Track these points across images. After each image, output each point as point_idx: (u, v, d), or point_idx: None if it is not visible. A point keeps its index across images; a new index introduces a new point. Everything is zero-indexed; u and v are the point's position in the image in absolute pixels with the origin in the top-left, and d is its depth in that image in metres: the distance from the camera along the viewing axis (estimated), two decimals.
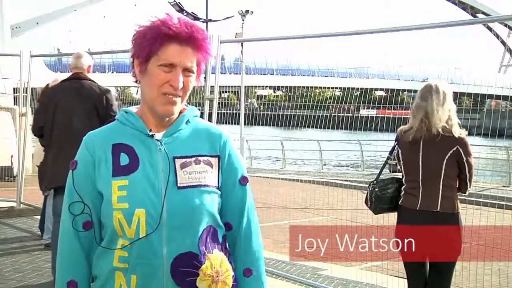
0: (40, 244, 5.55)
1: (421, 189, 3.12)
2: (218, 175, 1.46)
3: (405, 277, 5.13)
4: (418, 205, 3.12)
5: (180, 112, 1.47)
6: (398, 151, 3.24)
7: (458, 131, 3.11)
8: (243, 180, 1.51)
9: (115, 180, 1.39)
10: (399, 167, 3.29)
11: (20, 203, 7.33)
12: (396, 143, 3.26)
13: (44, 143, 4.64)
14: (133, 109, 1.49)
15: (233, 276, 1.46)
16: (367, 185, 3.48)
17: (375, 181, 3.32)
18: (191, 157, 1.42)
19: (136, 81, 1.45)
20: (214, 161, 1.45)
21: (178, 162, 1.41)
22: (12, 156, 10.33)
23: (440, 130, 3.06)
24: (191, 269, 1.37)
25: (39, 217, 6.03)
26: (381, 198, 3.27)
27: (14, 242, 5.75)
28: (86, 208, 1.41)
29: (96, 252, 1.43)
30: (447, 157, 3.07)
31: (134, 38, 1.41)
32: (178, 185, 1.38)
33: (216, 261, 1.41)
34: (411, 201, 3.15)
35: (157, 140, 1.42)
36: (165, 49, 1.37)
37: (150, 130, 1.42)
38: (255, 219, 1.55)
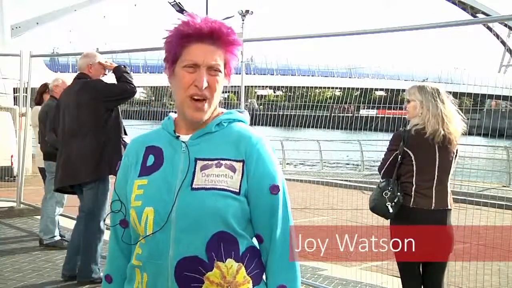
0: (40, 244, 5.55)
1: (434, 189, 3.16)
2: (242, 180, 1.38)
3: None
4: (433, 205, 3.15)
5: (217, 115, 1.46)
6: (407, 152, 3.17)
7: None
8: (274, 189, 1.40)
9: (137, 180, 1.43)
10: (406, 168, 3.19)
11: (20, 203, 7.34)
12: (402, 144, 3.16)
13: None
14: (176, 114, 1.51)
15: None
16: (367, 185, 3.44)
17: (390, 188, 3.18)
18: (213, 159, 1.39)
19: (170, 87, 1.46)
20: (238, 165, 1.39)
21: (200, 164, 1.39)
22: (12, 156, 10.34)
23: (454, 132, 3.17)
24: (195, 274, 1.33)
25: (39, 217, 6.03)
26: (398, 204, 3.18)
27: (14, 242, 5.75)
28: (123, 207, 1.46)
29: (131, 249, 1.48)
30: (454, 156, 3.22)
31: (164, 43, 1.43)
32: (193, 186, 1.36)
33: (228, 271, 1.35)
34: (425, 201, 3.15)
35: (183, 142, 1.42)
36: (187, 49, 1.37)
37: (175, 131, 1.44)
38: (290, 233, 1.44)
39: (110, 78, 4.67)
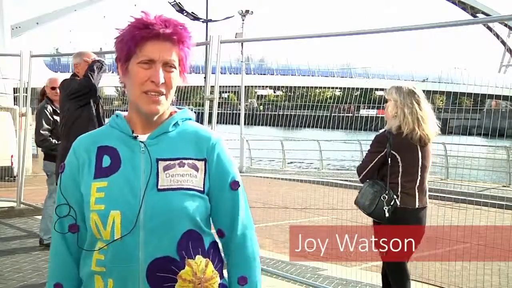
0: (40, 244, 5.55)
1: (417, 188, 3.25)
2: (205, 179, 1.40)
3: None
4: (417, 204, 3.24)
5: (170, 114, 1.45)
6: (394, 154, 3.22)
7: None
8: (234, 185, 1.44)
9: (95, 182, 1.37)
10: (392, 169, 3.24)
11: (20, 203, 7.33)
12: (389, 146, 3.22)
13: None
14: (125, 113, 1.48)
15: (221, 284, 1.42)
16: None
17: (386, 192, 3.21)
18: (175, 159, 1.38)
19: (123, 87, 1.43)
20: (200, 164, 1.40)
21: (162, 164, 1.37)
22: (12, 156, 10.33)
23: (430, 133, 3.26)
24: (168, 274, 1.33)
25: (39, 217, 6.03)
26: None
27: (14, 242, 5.75)
28: (72, 211, 1.40)
29: (82, 255, 1.42)
30: (432, 155, 3.36)
31: (115, 42, 1.40)
32: (159, 187, 1.35)
33: (198, 267, 1.36)
34: (410, 201, 3.23)
35: (141, 142, 1.39)
36: (143, 46, 1.35)
37: (133, 132, 1.41)
38: (250, 225, 1.48)
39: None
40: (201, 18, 26.11)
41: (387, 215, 3.19)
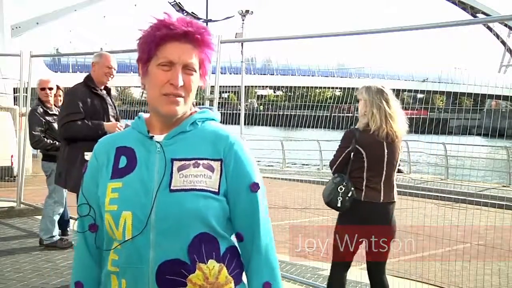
0: (40, 244, 5.55)
1: (383, 183, 3.37)
2: (220, 179, 1.36)
3: (405, 277, 5.15)
4: (382, 198, 3.36)
5: (191, 115, 1.43)
6: (359, 149, 3.36)
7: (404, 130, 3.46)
8: (254, 187, 1.39)
9: (110, 183, 1.38)
10: (358, 164, 3.37)
11: (20, 203, 7.33)
12: (354, 142, 3.35)
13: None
14: (147, 114, 1.47)
15: None
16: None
17: (344, 183, 3.37)
18: (190, 159, 1.36)
19: (143, 88, 1.42)
20: (216, 165, 1.36)
21: (176, 164, 1.35)
22: (12, 156, 10.34)
23: (398, 130, 3.38)
24: (178, 277, 1.31)
25: (39, 217, 6.04)
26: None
27: (14, 242, 5.75)
28: (92, 210, 1.41)
29: (102, 255, 1.43)
30: (400, 152, 3.46)
31: (137, 44, 1.40)
32: (171, 187, 1.33)
33: (210, 272, 1.33)
34: (375, 195, 3.35)
35: (157, 142, 1.38)
36: (163, 48, 1.33)
37: (149, 132, 1.40)
38: (270, 229, 1.44)
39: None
40: (201, 18, 26.15)
41: (339, 205, 3.36)
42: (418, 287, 4.92)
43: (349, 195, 3.34)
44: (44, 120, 5.51)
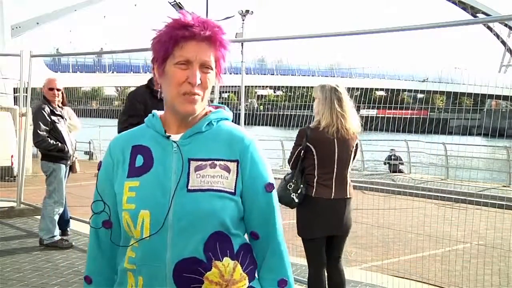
0: (40, 244, 5.55)
1: (334, 180, 3.44)
2: (236, 180, 1.38)
3: (405, 277, 5.16)
4: (333, 195, 3.43)
5: (206, 114, 1.44)
6: (310, 146, 3.43)
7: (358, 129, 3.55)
8: (269, 187, 1.43)
9: (127, 181, 1.39)
10: (309, 161, 3.45)
11: (20, 203, 7.33)
12: (305, 140, 3.44)
13: None
14: (161, 112, 1.48)
15: (249, 287, 1.40)
16: (367, 185, 3.54)
17: (294, 180, 3.46)
18: (207, 160, 1.38)
19: (159, 88, 1.43)
20: (232, 166, 1.39)
21: (193, 164, 1.37)
22: (12, 156, 10.34)
23: (351, 127, 3.46)
24: (194, 275, 1.33)
25: (39, 217, 6.04)
26: (302, 194, 3.46)
27: (14, 242, 5.75)
28: (106, 207, 1.43)
29: (118, 251, 1.45)
30: (353, 150, 3.51)
31: (152, 44, 1.40)
32: (189, 188, 1.34)
33: (225, 269, 1.36)
34: (325, 191, 3.43)
35: (174, 142, 1.39)
36: (180, 47, 1.35)
37: (165, 132, 1.41)
38: (282, 228, 1.48)
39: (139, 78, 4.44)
40: None
41: (296, 200, 3.43)
42: (418, 287, 4.93)
43: (299, 192, 3.44)
44: (49, 120, 5.49)
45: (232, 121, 1.51)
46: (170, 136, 1.40)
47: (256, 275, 1.45)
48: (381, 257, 5.99)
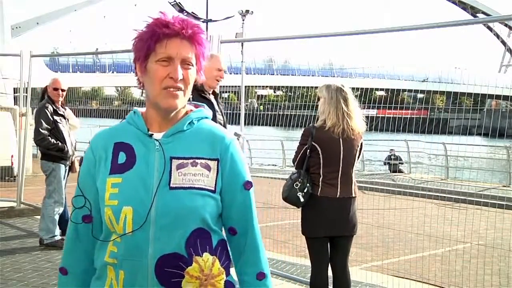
0: (40, 244, 5.55)
1: (339, 179, 3.45)
2: (217, 178, 1.44)
3: (405, 277, 5.16)
4: (338, 194, 3.44)
5: (186, 113, 1.48)
6: (315, 146, 3.44)
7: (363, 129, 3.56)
8: (247, 185, 1.49)
9: (110, 178, 1.42)
10: (315, 161, 3.46)
11: (20, 203, 7.33)
12: (310, 139, 3.45)
13: None
14: (142, 109, 1.52)
15: (227, 281, 1.45)
16: (367, 185, 3.55)
17: (300, 179, 3.46)
18: (188, 158, 1.42)
19: (141, 87, 1.46)
20: (212, 164, 1.43)
21: (175, 163, 1.41)
22: (12, 156, 10.34)
23: (356, 127, 3.48)
24: (176, 270, 1.37)
25: (39, 217, 6.04)
26: (308, 193, 3.47)
27: (14, 242, 5.75)
28: (87, 202, 1.46)
29: (96, 245, 1.48)
30: (358, 149, 3.53)
31: (133, 43, 1.44)
32: (171, 185, 1.39)
33: (206, 264, 1.40)
34: (331, 190, 3.44)
35: (156, 140, 1.43)
36: (161, 44, 1.38)
37: (148, 130, 1.44)
38: (258, 223, 1.54)
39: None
40: (201, 18, 26.18)
41: (302, 200, 3.44)
42: (418, 287, 4.93)
43: (305, 191, 3.44)
44: (52, 119, 5.50)
45: (229, 121, 1.55)
46: (152, 134, 1.44)
47: (230, 270, 1.49)
48: (381, 257, 5.99)
